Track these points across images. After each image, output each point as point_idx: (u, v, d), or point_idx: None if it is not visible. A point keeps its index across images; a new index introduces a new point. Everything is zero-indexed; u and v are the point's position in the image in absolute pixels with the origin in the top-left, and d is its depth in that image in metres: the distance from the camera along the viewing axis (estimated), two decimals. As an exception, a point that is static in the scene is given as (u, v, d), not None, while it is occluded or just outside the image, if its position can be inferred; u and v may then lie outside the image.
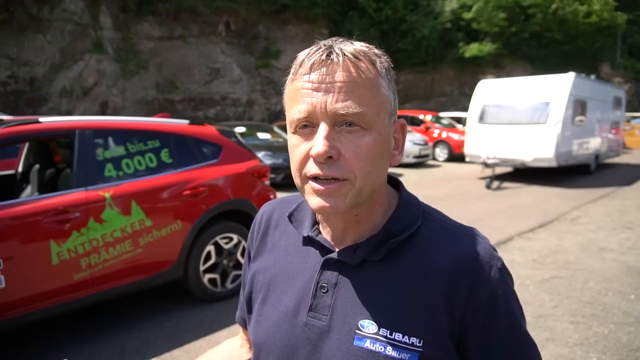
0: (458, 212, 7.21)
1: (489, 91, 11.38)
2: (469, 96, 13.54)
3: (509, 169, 11.63)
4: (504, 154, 10.47)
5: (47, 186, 3.48)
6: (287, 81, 0.70)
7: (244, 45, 19.28)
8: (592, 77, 13.44)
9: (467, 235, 0.74)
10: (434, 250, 0.71)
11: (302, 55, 0.68)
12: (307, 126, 0.66)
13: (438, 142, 14.98)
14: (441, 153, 14.95)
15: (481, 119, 11.22)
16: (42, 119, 3.11)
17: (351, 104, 0.63)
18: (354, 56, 0.65)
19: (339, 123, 0.65)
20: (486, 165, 10.29)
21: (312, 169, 0.65)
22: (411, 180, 11.01)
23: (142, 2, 16.74)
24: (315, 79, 0.65)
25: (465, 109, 15.88)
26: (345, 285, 0.72)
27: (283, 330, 0.75)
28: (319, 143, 0.63)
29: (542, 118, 10.20)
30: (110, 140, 3.39)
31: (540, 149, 10.13)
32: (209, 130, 3.96)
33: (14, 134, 2.92)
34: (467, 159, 11.69)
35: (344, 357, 0.69)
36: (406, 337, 0.67)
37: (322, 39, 0.70)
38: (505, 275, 0.71)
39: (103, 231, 3.06)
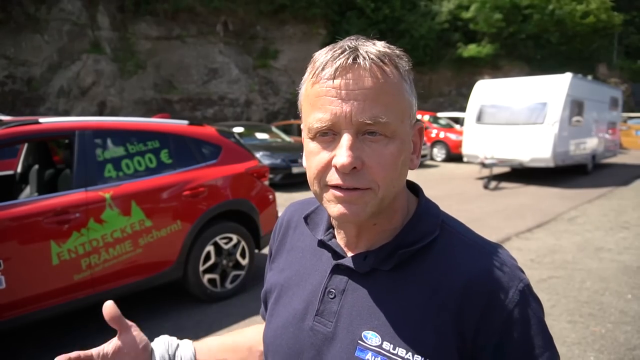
0: (456, 212, 7.19)
1: (487, 91, 11.42)
2: (466, 96, 13.58)
3: (506, 169, 11.67)
4: (502, 154, 10.51)
5: (47, 187, 3.48)
6: (306, 82, 0.66)
7: (242, 45, 19.28)
8: (589, 77, 13.50)
9: (488, 252, 0.68)
10: (449, 265, 0.66)
11: (323, 56, 0.63)
12: (327, 134, 0.63)
13: (436, 142, 15.02)
14: (439, 153, 14.99)
15: (479, 119, 11.26)
16: (42, 119, 3.12)
17: (377, 113, 0.60)
18: (380, 60, 0.62)
19: (363, 132, 0.62)
20: (484, 165, 10.32)
21: (333, 178, 0.62)
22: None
23: (140, 2, 16.72)
24: (340, 85, 0.61)
25: (462, 109, 15.92)
26: (352, 293, 0.70)
27: (290, 333, 0.74)
28: (343, 154, 0.60)
29: (540, 118, 10.24)
30: (110, 141, 3.40)
31: (537, 149, 10.17)
32: (209, 130, 3.97)
33: (14, 134, 2.92)
34: (464, 159, 11.72)
35: None
36: (410, 354, 0.63)
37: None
38: (528, 299, 0.64)
39: (103, 232, 3.07)
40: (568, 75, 10.49)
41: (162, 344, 0.89)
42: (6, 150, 4.64)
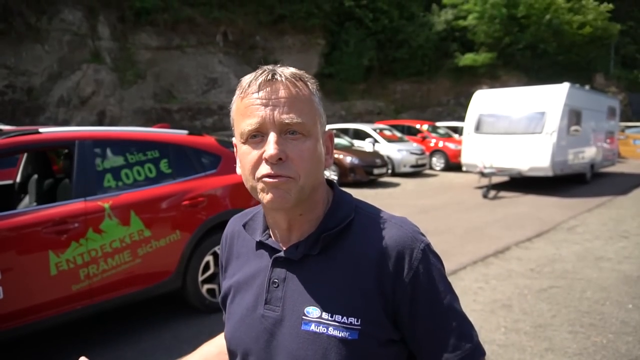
0: (455, 221, 7.23)
1: (485, 101, 11.47)
2: (464, 106, 13.65)
3: (505, 178, 11.69)
4: (501, 163, 10.52)
5: (46, 196, 3.47)
6: (235, 100, 0.81)
7: (241, 55, 19.39)
8: (587, 87, 13.58)
9: (394, 224, 0.83)
10: (364, 240, 0.81)
11: (248, 78, 0.79)
12: (256, 136, 0.77)
13: (435, 151, 15.04)
14: (438, 162, 15.01)
15: (477, 128, 11.29)
16: (42, 129, 3.12)
17: (294, 115, 0.76)
18: (292, 77, 0.78)
19: (284, 132, 0.76)
20: (483, 174, 10.34)
21: (264, 170, 0.76)
22: (408, 189, 11.04)
23: (140, 12, 16.85)
24: (264, 96, 0.76)
25: (461, 118, 15.99)
26: (292, 279, 0.82)
27: (246, 324, 0.85)
28: (271, 147, 0.74)
29: (538, 128, 10.27)
30: (110, 151, 3.40)
31: (536, 158, 10.19)
32: (208, 140, 3.98)
33: (14, 144, 2.93)
34: (463, 169, 11.73)
35: (294, 340, 0.79)
36: (345, 317, 0.77)
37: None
38: (428, 255, 0.80)
39: (102, 242, 3.06)
40: (566, 85, 10.55)
41: None
42: (5, 160, 4.64)
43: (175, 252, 3.48)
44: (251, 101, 0.77)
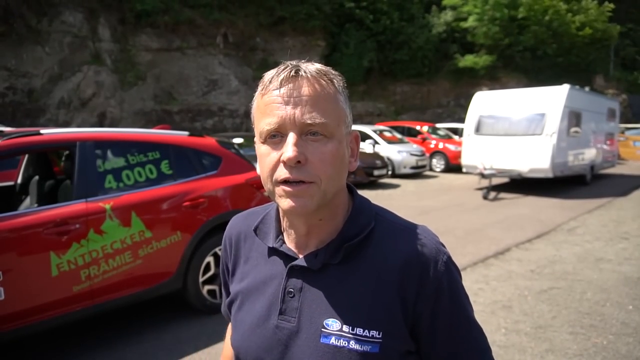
0: (456, 223, 7.23)
1: (485, 103, 11.48)
2: (464, 107, 13.66)
3: (505, 180, 11.69)
4: (501, 164, 10.53)
5: (47, 198, 3.48)
6: (256, 96, 0.78)
7: (242, 56, 19.41)
8: (587, 88, 13.59)
9: (416, 234, 0.80)
10: (386, 250, 0.78)
11: (270, 73, 0.76)
12: (275, 136, 0.73)
13: (435, 152, 15.05)
14: (438, 164, 15.02)
15: (477, 130, 11.30)
16: (43, 130, 3.13)
17: (316, 115, 0.71)
18: (317, 73, 0.74)
19: (305, 132, 0.72)
20: (483, 176, 10.34)
21: (282, 173, 0.72)
22: (408, 190, 11.04)
23: (141, 14, 16.87)
24: (285, 93, 0.72)
25: (461, 120, 15.99)
26: (310, 289, 0.78)
27: (257, 334, 0.81)
28: (289, 149, 0.70)
29: (538, 129, 10.28)
30: (111, 152, 3.40)
31: (536, 159, 10.20)
32: (209, 141, 3.98)
33: (15, 145, 2.93)
34: (464, 170, 11.74)
35: (312, 354, 0.75)
36: (366, 331, 0.74)
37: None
38: (451, 268, 0.79)
39: (103, 242, 3.06)
40: (566, 87, 10.56)
41: None
42: (7, 161, 4.65)
43: (176, 253, 3.48)
44: (272, 99, 0.73)
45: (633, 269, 5.01)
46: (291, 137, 0.71)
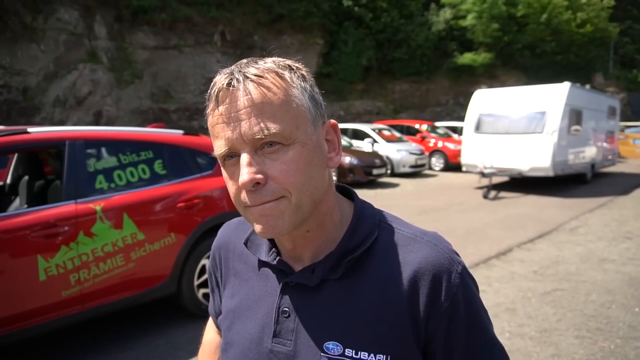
0: (456, 222, 7.13)
1: (485, 101, 11.39)
2: (464, 106, 13.57)
3: (505, 179, 11.61)
4: (501, 163, 10.44)
5: (36, 198, 3.36)
6: (207, 115, 0.69)
7: (240, 55, 19.27)
8: (587, 86, 13.51)
9: (426, 242, 0.72)
10: (392, 262, 0.70)
11: (212, 85, 0.67)
12: (232, 156, 0.65)
13: (434, 151, 14.96)
14: (437, 162, 14.93)
15: (477, 128, 11.21)
16: (30, 129, 3.01)
17: (265, 126, 0.62)
18: (256, 76, 0.64)
19: (260, 146, 0.63)
20: (483, 174, 10.25)
21: (245, 199, 0.65)
22: (407, 190, 10.95)
23: (138, 11, 16.74)
24: (224, 111, 0.64)
25: (460, 118, 15.90)
26: (306, 308, 0.70)
27: (249, 359, 0.73)
28: (242, 173, 0.63)
29: (538, 127, 10.20)
30: (102, 151, 3.29)
31: (536, 158, 10.11)
32: (204, 140, 3.87)
33: (1, 144, 2.82)
34: (463, 169, 11.65)
35: None
36: (372, 355, 0.66)
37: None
38: (466, 280, 0.70)
39: (93, 245, 2.95)
40: (566, 85, 10.47)
41: None
42: (-4, 161, 4.53)
43: (170, 256, 3.37)
44: (214, 119, 0.65)
45: (638, 269, 4.92)
46: (244, 158, 0.63)
